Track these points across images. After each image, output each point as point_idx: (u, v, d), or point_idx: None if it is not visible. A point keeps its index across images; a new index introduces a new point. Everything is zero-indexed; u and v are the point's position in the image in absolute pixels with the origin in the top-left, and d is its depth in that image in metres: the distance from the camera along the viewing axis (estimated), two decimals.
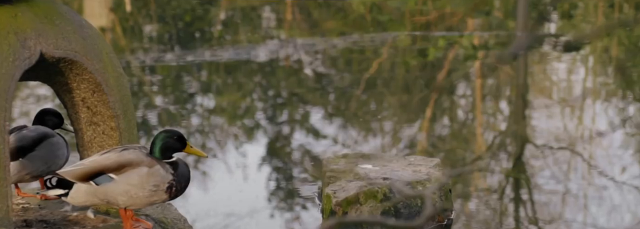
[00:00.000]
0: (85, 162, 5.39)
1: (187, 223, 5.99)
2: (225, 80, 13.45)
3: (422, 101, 11.72)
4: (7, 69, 5.15)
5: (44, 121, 6.03)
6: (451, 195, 7.00)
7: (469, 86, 13.00)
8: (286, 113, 11.33)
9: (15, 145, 5.73)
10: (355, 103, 11.69)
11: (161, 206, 6.00)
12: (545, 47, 15.18)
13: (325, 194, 6.63)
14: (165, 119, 10.99)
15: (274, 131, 10.37)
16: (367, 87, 12.49)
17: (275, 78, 13.50)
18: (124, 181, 5.30)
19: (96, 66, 5.63)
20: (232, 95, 12.35)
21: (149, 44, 16.10)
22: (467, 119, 11.06)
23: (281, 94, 12.53)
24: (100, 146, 5.78)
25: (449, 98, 11.97)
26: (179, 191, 5.40)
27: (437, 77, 13.15)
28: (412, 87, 12.71)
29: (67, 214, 5.75)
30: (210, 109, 11.62)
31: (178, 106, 11.65)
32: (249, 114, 11.26)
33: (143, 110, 11.43)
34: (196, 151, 5.51)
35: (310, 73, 13.87)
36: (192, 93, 12.47)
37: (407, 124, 10.61)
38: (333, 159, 7.18)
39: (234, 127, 10.49)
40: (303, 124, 10.73)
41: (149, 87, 12.79)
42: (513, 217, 7.29)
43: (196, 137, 9.98)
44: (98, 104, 5.72)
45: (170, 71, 13.87)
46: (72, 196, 5.36)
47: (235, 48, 15.40)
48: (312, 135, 10.23)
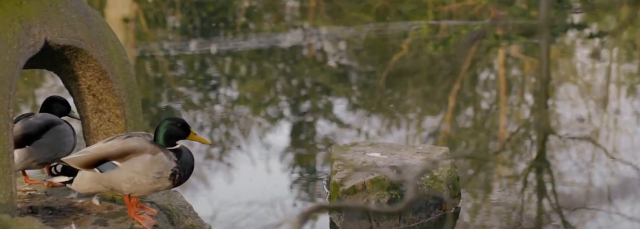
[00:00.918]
0: (90, 150, 5.42)
1: (192, 210, 6.01)
2: (248, 69, 13.47)
3: (444, 91, 11.69)
4: (11, 56, 5.18)
5: (52, 108, 6.07)
6: (459, 184, 6.98)
7: (491, 75, 12.95)
8: (308, 103, 11.33)
9: (22, 133, 5.77)
10: (377, 93, 11.67)
11: (167, 193, 6.03)
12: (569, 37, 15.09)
13: (333, 183, 6.63)
14: (188, 108, 11.02)
15: (295, 120, 10.38)
16: (390, 77, 12.47)
17: (298, 68, 13.50)
18: (128, 169, 5.33)
19: (102, 54, 5.66)
20: (255, 84, 12.36)
21: (172, 34, 16.15)
22: (489, 109, 11.02)
23: (304, 83, 12.53)
24: (106, 134, 5.81)
25: (471, 88, 11.93)
26: (183, 178, 5.41)
27: (460, 67, 13.10)
28: (435, 77, 12.68)
29: (73, 201, 5.78)
30: (233, 98, 11.64)
31: (201, 95, 11.68)
32: (272, 103, 11.27)
33: (167, 99, 11.47)
34: (200, 139, 5.53)
35: (333, 63, 13.86)
36: (215, 82, 12.50)
37: (430, 114, 10.59)
38: (342, 148, 7.18)
39: (256, 116, 10.51)
40: (325, 114, 10.73)
41: (173, 77, 12.83)
42: (523, 206, 7.27)
43: (220, 127, 10.01)
44: (104, 92, 5.75)
45: (194, 60, 13.90)
46: (77, 184, 5.39)
47: (258, 38, 15.42)
48: (334, 125, 10.24)
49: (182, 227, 5.83)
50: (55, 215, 5.61)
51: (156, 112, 10.74)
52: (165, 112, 10.72)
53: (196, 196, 7.60)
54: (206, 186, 7.99)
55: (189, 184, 8.04)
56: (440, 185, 6.74)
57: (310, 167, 8.35)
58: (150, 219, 5.56)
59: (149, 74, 13.14)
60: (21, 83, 12.11)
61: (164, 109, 10.90)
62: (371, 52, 14.59)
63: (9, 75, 5.16)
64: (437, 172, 6.76)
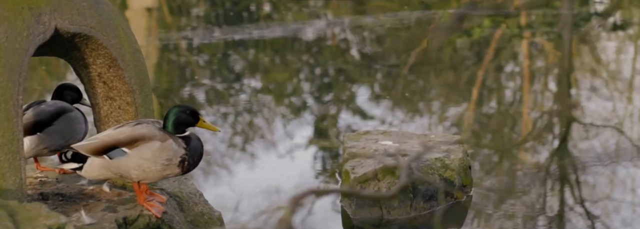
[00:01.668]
0: (99, 137, 5.45)
1: (202, 197, 6.03)
2: (272, 58, 13.49)
3: (468, 80, 11.67)
4: (20, 44, 5.22)
5: (63, 95, 6.10)
6: (470, 172, 6.97)
7: (514, 65, 12.90)
8: (332, 92, 11.34)
9: (33, 119, 5.81)
10: (401, 82, 11.66)
11: (177, 180, 6.05)
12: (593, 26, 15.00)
13: (344, 171, 6.64)
14: (212, 97, 11.06)
15: (318, 110, 10.39)
16: (413, 66, 12.45)
17: (321, 57, 13.50)
18: (137, 155, 5.36)
19: (112, 41, 5.68)
20: (278, 74, 12.38)
21: (196, 23, 16.18)
22: (512, 98, 10.98)
23: (327, 73, 12.53)
24: (117, 121, 5.84)
25: (494, 77, 11.89)
26: (192, 165, 5.44)
27: (483, 57, 13.06)
28: (458, 67, 12.65)
29: (83, 188, 5.82)
30: (256, 87, 11.66)
31: (225, 85, 11.71)
32: (295, 93, 11.29)
33: (190, 88, 11.51)
34: (209, 126, 5.55)
35: (356, 52, 13.86)
36: (238, 71, 12.53)
37: (453, 103, 10.57)
38: (354, 136, 7.18)
39: (279, 106, 10.54)
40: (348, 104, 10.73)
41: (196, 66, 12.87)
42: (541, 195, 7.25)
43: (242, 116, 10.04)
44: (114, 79, 5.78)
45: (217, 49, 13.93)
46: (86, 170, 5.43)
47: (282, 27, 15.43)
48: (357, 114, 10.24)
49: (192, 214, 5.86)
50: (65, 201, 5.65)
51: (178, 102, 10.79)
52: (188, 101, 10.77)
53: (218, 184, 7.64)
54: (227, 174, 8.03)
55: (209, 172, 8.07)
56: (451, 173, 6.74)
57: (329, 156, 8.37)
58: (159, 205, 5.59)
59: (172, 63, 13.19)
60: (45, 73, 12.20)
61: (186, 98, 10.95)
62: (394, 41, 14.56)
63: (18, 62, 5.20)
64: (448, 160, 6.75)
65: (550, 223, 6.70)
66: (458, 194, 6.81)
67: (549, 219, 6.77)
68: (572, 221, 6.76)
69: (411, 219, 6.61)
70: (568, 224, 6.71)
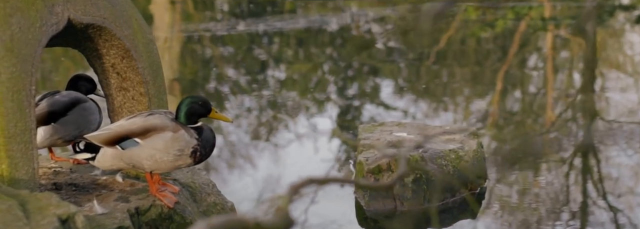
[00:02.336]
0: (112, 127, 5.48)
1: (215, 188, 6.05)
2: (295, 51, 13.50)
3: (491, 73, 11.63)
4: (33, 34, 5.25)
5: (77, 86, 6.13)
6: (484, 164, 6.96)
7: (538, 57, 12.85)
8: (355, 84, 11.34)
9: (48, 110, 5.84)
10: (424, 75, 11.64)
11: (191, 171, 6.07)
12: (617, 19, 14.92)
13: (358, 162, 6.64)
14: (236, 89, 11.08)
15: (341, 102, 10.39)
16: (437, 58, 12.43)
17: (345, 49, 13.50)
18: (149, 146, 5.38)
19: (125, 32, 5.71)
20: (302, 66, 12.39)
21: (220, 15, 16.22)
22: (536, 92, 10.94)
23: (351, 65, 12.53)
24: (130, 111, 5.86)
25: (518, 70, 11.85)
26: (204, 155, 5.45)
27: (507, 49, 13.01)
28: (482, 59, 12.61)
29: (96, 178, 5.85)
30: (280, 79, 11.68)
31: (249, 77, 11.73)
32: (319, 85, 11.29)
33: (215, 81, 11.54)
34: (221, 116, 5.56)
35: (380, 44, 13.84)
36: (262, 64, 12.54)
37: (476, 96, 10.55)
38: (369, 127, 7.18)
39: (303, 98, 10.55)
40: (371, 96, 10.73)
41: (220, 58, 12.90)
42: (561, 189, 7.22)
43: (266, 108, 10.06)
44: (127, 70, 5.80)
45: (241, 42, 13.95)
46: (99, 160, 5.46)
47: (306, 19, 15.43)
48: (380, 107, 10.24)
49: (204, 204, 5.88)
50: (78, 191, 5.68)
51: (203, 94, 10.82)
52: (212, 93, 10.80)
53: (241, 176, 7.66)
54: (250, 166, 8.05)
55: (230, 163, 8.10)
56: (465, 165, 6.73)
57: (350, 148, 8.37)
58: (171, 196, 5.60)
59: (196, 55, 13.22)
60: (70, 64, 12.26)
61: (211, 90, 10.98)
62: (417, 33, 14.54)
63: (31, 52, 5.23)
64: (462, 152, 6.74)
65: (569, 215, 6.67)
66: (472, 185, 6.80)
67: (567, 211, 6.74)
68: (595, 214, 6.73)
69: (424, 210, 6.61)
70: (590, 217, 6.68)
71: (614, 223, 6.51)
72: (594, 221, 6.59)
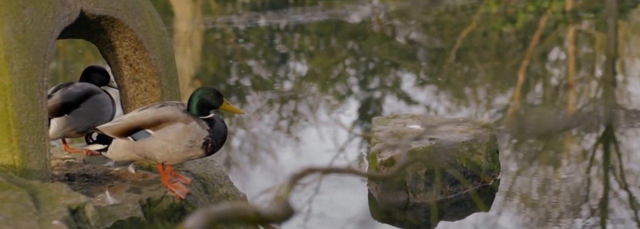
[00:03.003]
0: (124, 118, 5.50)
1: (227, 179, 6.06)
2: (317, 44, 13.50)
3: (513, 67, 11.60)
4: (46, 26, 5.28)
5: (91, 77, 6.16)
6: (498, 156, 6.95)
7: (559, 51, 12.80)
8: (377, 77, 11.33)
9: (61, 101, 5.87)
10: (446, 68, 11.63)
11: (203, 162, 6.09)
12: None
13: (371, 154, 6.65)
14: (257, 83, 11.10)
15: (363, 96, 10.39)
16: (458, 52, 12.41)
17: (366, 43, 13.49)
18: (161, 137, 5.40)
19: (138, 24, 5.73)
20: (323, 59, 12.39)
21: (241, 9, 16.24)
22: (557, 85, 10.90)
23: (372, 59, 12.53)
24: (143, 103, 5.89)
25: (540, 64, 11.81)
26: (215, 147, 5.46)
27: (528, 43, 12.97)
28: (503, 53, 12.58)
29: (109, 169, 5.88)
30: (301, 73, 11.69)
31: (270, 70, 11.74)
32: (340, 79, 11.30)
33: (237, 74, 11.57)
34: (233, 108, 5.57)
35: (401, 37, 13.83)
36: (283, 57, 12.55)
37: (497, 89, 10.53)
38: (382, 120, 7.18)
39: (324, 92, 10.56)
40: (393, 90, 10.73)
41: (241, 51, 12.92)
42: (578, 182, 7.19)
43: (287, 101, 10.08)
44: (140, 61, 5.82)
45: (262, 35, 13.97)
46: (111, 151, 5.48)
47: (327, 13, 15.43)
48: (401, 100, 10.23)
49: (216, 195, 5.90)
50: (90, 182, 5.71)
51: (225, 88, 10.84)
52: (234, 87, 10.82)
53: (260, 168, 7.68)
54: (272, 159, 8.06)
55: (255, 158, 8.12)
56: (478, 158, 6.72)
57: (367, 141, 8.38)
58: (183, 187, 5.62)
59: (217, 48, 13.24)
60: (91, 56, 12.31)
61: (232, 83, 11.00)
62: (439, 27, 14.51)
63: (43, 44, 5.26)
64: (475, 144, 6.73)
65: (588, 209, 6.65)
66: (485, 178, 6.79)
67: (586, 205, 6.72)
68: (615, 208, 6.71)
69: (438, 202, 6.60)
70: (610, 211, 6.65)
71: (634, 217, 6.49)
72: (614, 214, 6.57)
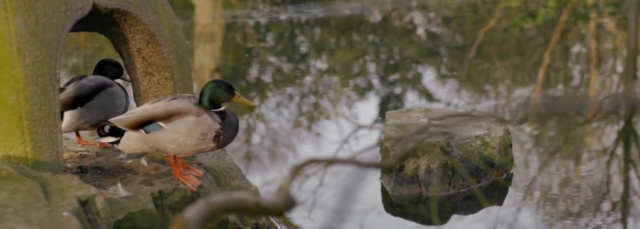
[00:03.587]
0: (136, 111, 5.53)
1: (240, 172, 6.08)
2: (338, 39, 13.50)
3: (534, 62, 11.57)
4: (58, 19, 5.31)
5: (104, 70, 6.19)
6: (511, 150, 6.93)
7: (580, 46, 12.75)
8: (397, 73, 11.33)
9: (74, 94, 5.91)
10: (467, 63, 11.61)
11: (216, 155, 6.11)
12: None
13: (384, 147, 6.65)
14: (278, 77, 11.12)
15: (383, 91, 10.39)
16: (479, 47, 12.38)
17: (387, 38, 13.48)
18: (173, 130, 5.42)
19: (150, 17, 5.75)
20: (343, 54, 12.40)
21: (261, 4, 16.25)
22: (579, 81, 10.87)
23: (393, 54, 12.52)
24: (156, 96, 5.91)
25: (561, 59, 11.77)
26: (227, 139, 5.48)
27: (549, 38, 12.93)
28: (524, 48, 12.54)
29: (121, 161, 5.92)
30: (322, 68, 11.70)
31: (291, 65, 11.76)
32: (361, 73, 11.30)
33: (258, 69, 11.59)
34: (245, 101, 5.58)
35: (422, 32, 13.82)
36: (304, 51, 12.56)
37: (518, 84, 10.51)
38: (396, 114, 7.18)
39: (344, 86, 10.56)
40: (413, 85, 10.72)
41: (262, 46, 12.93)
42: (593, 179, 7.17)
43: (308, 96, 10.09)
44: (153, 54, 5.85)
45: (283, 29, 13.98)
46: (123, 144, 5.51)
47: (348, 7, 15.42)
48: (422, 95, 10.23)
49: (228, 188, 5.92)
50: (103, 174, 5.75)
51: (245, 83, 10.87)
52: (254, 81, 10.85)
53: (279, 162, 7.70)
54: (292, 154, 8.08)
55: (275, 152, 8.13)
56: (491, 151, 6.71)
57: None
58: (195, 179, 5.65)
59: (238, 43, 13.27)
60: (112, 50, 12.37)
61: (252, 78, 11.02)
62: (460, 22, 14.48)
63: (56, 37, 5.29)
64: (488, 138, 6.72)
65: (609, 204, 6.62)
66: (498, 172, 6.77)
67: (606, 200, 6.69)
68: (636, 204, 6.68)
69: (450, 196, 6.60)
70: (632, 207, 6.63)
71: None
72: (636, 209, 6.55)
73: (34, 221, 4.36)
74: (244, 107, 9.20)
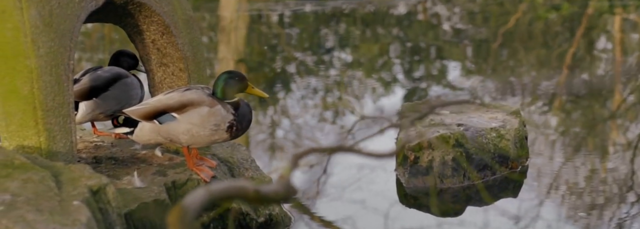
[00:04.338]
0: (150, 102, 5.56)
1: (254, 163, 6.10)
2: (363, 32, 13.50)
3: (558, 55, 11.53)
4: (72, 10, 5.34)
5: (119, 62, 6.23)
6: (526, 143, 6.91)
7: (605, 40, 12.69)
8: (422, 66, 11.32)
9: (90, 85, 5.94)
10: (492, 57, 11.58)
11: (230, 146, 6.13)
12: None
13: (399, 139, 6.65)
14: (302, 70, 11.13)
15: (408, 84, 10.38)
16: (504, 40, 12.34)
17: (412, 31, 13.47)
18: (186, 120, 5.44)
19: (165, 8, 5.78)
20: (368, 47, 12.39)
21: None
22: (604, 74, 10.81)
23: (418, 47, 12.50)
24: (170, 87, 5.94)
25: (586, 52, 11.72)
26: (240, 130, 5.50)
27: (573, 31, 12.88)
28: (549, 42, 12.49)
29: (136, 152, 5.95)
30: (346, 61, 11.70)
31: (315, 58, 11.77)
32: (385, 67, 11.29)
33: (282, 61, 11.60)
34: (258, 92, 5.59)
35: (447, 26, 13.79)
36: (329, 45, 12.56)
37: (543, 78, 10.47)
38: (412, 106, 7.17)
39: (369, 79, 10.56)
40: (438, 79, 10.71)
41: (286, 39, 12.95)
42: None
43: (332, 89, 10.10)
44: (167, 45, 5.87)
45: (308, 22, 13.99)
46: (137, 134, 5.54)
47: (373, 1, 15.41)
48: (447, 88, 10.21)
49: (242, 179, 5.94)
50: (117, 165, 5.78)
51: (271, 75, 10.89)
52: (279, 74, 10.86)
53: None
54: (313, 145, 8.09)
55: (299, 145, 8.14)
56: (506, 143, 6.69)
57: None
58: (208, 170, 5.67)
59: (263, 35, 13.29)
60: None
61: (277, 70, 11.04)
62: (485, 15, 14.44)
63: (70, 28, 5.33)
64: (504, 130, 6.71)
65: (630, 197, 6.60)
66: (513, 164, 6.76)
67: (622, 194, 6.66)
68: None
69: (464, 188, 6.59)
70: None
71: None
72: None
73: (45, 210, 4.39)
74: (267, 100, 9.22)
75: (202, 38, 13.28)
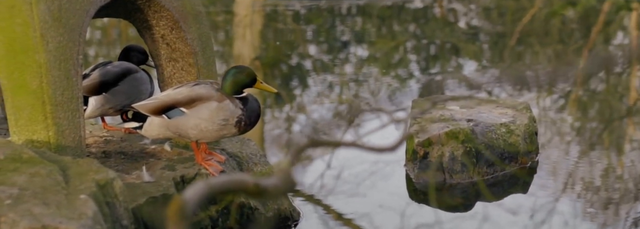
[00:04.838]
0: (159, 97, 5.57)
1: (263, 158, 6.11)
2: (378, 28, 13.49)
3: (575, 52, 11.49)
4: (81, 4, 5.36)
5: (129, 57, 6.24)
6: (536, 138, 6.90)
7: (622, 36, 12.65)
8: (438, 62, 11.31)
9: (99, 80, 5.96)
10: (507, 53, 11.56)
11: (239, 141, 6.15)
12: None
13: (409, 135, 6.65)
14: (318, 66, 11.14)
15: (424, 80, 10.38)
16: (520, 37, 12.32)
17: (428, 27, 13.45)
18: (195, 115, 5.46)
19: (174, 3, 5.79)
20: (384, 43, 12.39)
21: None
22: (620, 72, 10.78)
23: (434, 43, 12.49)
24: (179, 82, 5.96)
25: (602, 49, 11.69)
26: (248, 125, 5.51)
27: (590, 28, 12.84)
28: (565, 38, 12.46)
29: (145, 146, 5.97)
30: (362, 57, 11.70)
31: (331, 54, 11.77)
32: (402, 64, 11.29)
33: (297, 57, 11.62)
34: (266, 87, 5.60)
35: (463, 23, 13.77)
36: (344, 41, 12.57)
37: (559, 74, 10.45)
38: (422, 101, 7.18)
39: (384, 76, 10.56)
40: (454, 75, 10.70)
41: (302, 35, 12.95)
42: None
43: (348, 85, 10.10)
44: (177, 40, 5.89)
45: (324, 18, 13.98)
46: (146, 129, 5.56)
47: None
48: (462, 85, 10.20)
49: (251, 174, 5.95)
50: (126, 159, 5.80)
51: (286, 71, 10.90)
52: (295, 70, 10.87)
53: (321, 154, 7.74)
54: None
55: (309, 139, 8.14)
56: (516, 139, 6.68)
57: None
58: (217, 165, 5.68)
59: (278, 31, 13.30)
60: None
61: (293, 67, 11.05)
62: (501, 12, 14.41)
63: (79, 22, 5.35)
64: (513, 126, 6.70)
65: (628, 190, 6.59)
66: (523, 159, 6.75)
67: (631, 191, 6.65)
68: None
69: (474, 183, 6.59)
70: None
71: None
72: None
73: (52, 203, 4.42)
74: (282, 95, 9.24)
75: (218, 34, 13.30)
